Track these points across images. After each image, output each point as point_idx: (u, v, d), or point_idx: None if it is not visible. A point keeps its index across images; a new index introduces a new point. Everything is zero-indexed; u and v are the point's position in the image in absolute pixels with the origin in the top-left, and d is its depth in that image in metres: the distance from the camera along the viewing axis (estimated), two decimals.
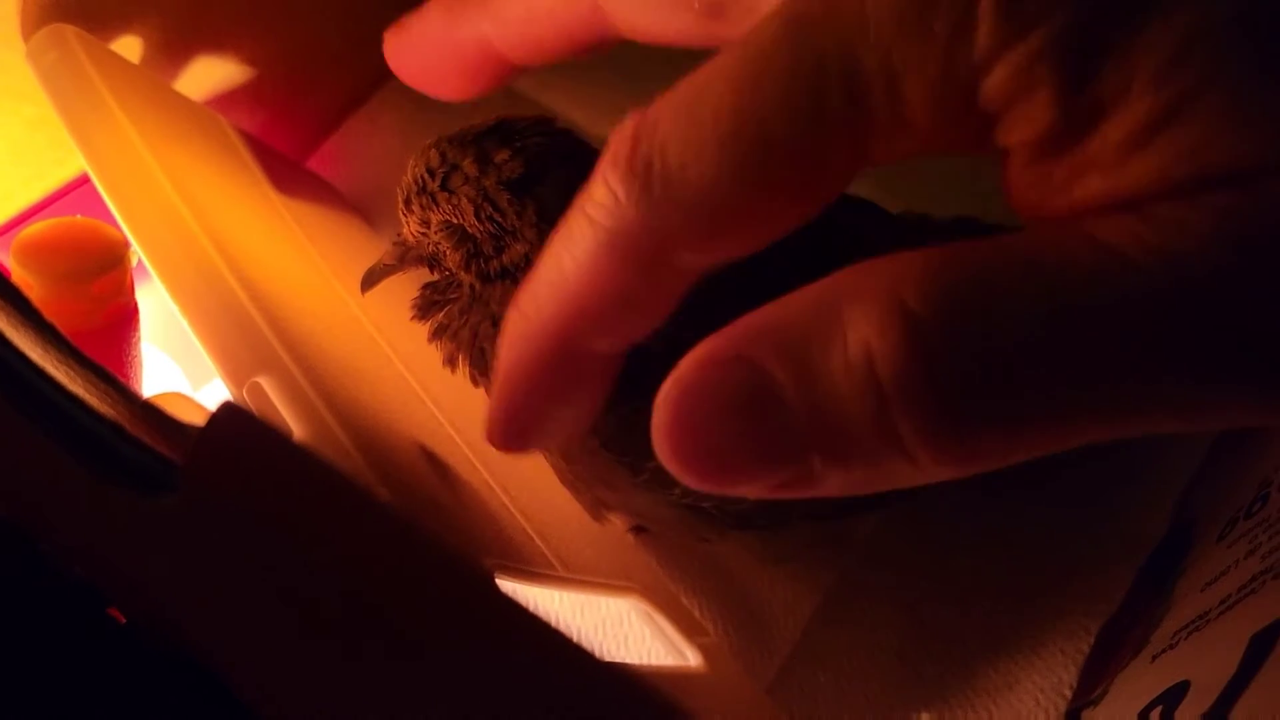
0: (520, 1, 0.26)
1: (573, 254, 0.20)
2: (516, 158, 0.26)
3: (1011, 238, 0.17)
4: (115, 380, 0.19)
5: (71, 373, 0.18)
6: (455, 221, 0.27)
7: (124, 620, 0.17)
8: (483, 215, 0.26)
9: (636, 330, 0.21)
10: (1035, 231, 0.17)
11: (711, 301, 0.24)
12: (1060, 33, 0.16)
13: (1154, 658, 0.23)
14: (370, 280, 0.29)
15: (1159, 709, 0.21)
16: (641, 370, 0.24)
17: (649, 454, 0.19)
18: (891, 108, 0.17)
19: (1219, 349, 0.16)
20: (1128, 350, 0.16)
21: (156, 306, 0.34)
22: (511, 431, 0.22)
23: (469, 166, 0.26)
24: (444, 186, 0.26)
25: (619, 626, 0.31)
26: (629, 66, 0.26)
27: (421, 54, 0.29)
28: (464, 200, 0.26)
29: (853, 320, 0.17)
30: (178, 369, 0.38)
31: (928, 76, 0.17)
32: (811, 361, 0.17)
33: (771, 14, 0.18)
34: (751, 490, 0.18)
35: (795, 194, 0.18)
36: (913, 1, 0.17)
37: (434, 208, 0.27)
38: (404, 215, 0.28)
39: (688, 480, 0.18)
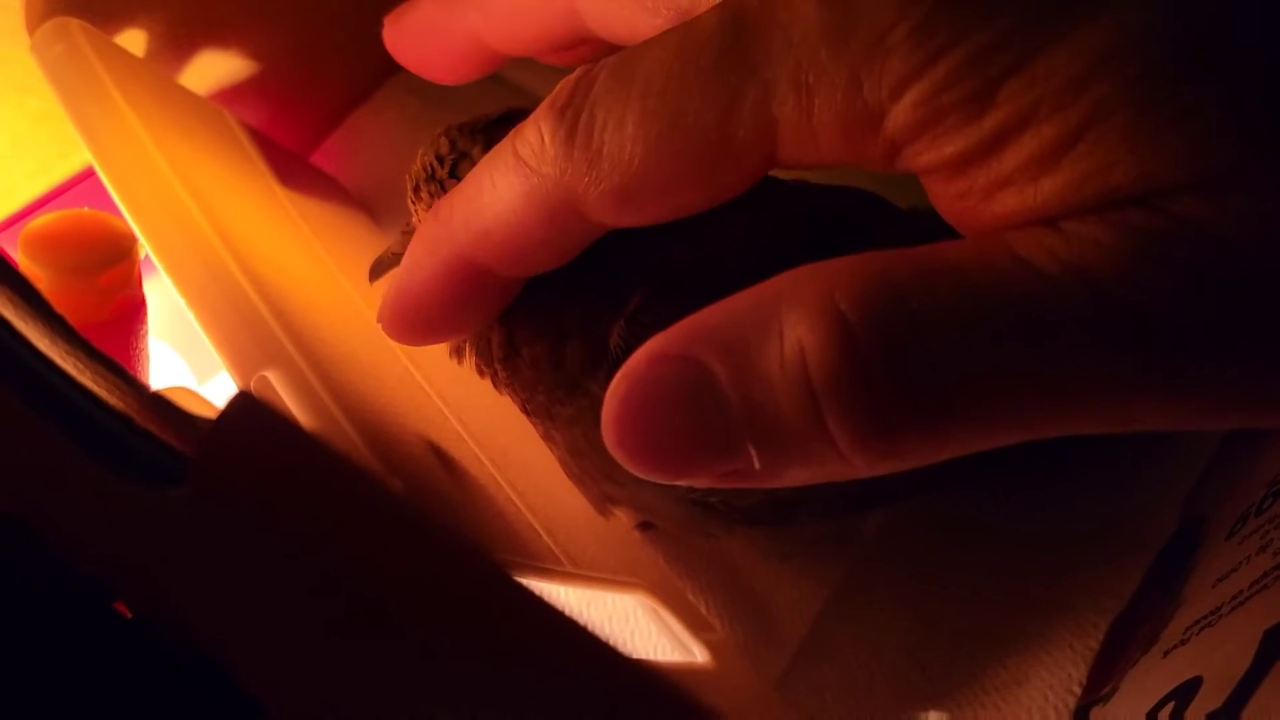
0: None
1: (493, 181, 0.21)
2: None
3: (941, 247, 0.18)
4: (124, 372, 0.18)
5: (80, 364, 0.18)
6: None
7: (130, 614, 0.17)
8: None
9: (535, 266, 0.22)
10: (963, 243, 0.18)
11: (718, 297, 0.24)
12: (965, 61, 0.17)
13: (1165, 654, 0.23)
14: (378, 269, 0.29)
15: (1170, 705, 0.21)
16: None
17: None
18: (800, 119, 0.18)
19: (1133, 359, 0.17)
20: (1043, 359, 0.17)
21: (162, 300, 0.34)
22: (401, 323, 0.23)
23: (478, 154, 0.26)
24: (453, 174, 0.26)
25: (625, 622, 0.31)
26: None
27: (416, 40, 0.30)
28: None
29: (789, 322, 0.18)
30: (183, 363, 0.38)
31: (837, 95, 0.18)
32: (750, 360, 0.18)
33: (716, 5, 0.19)
34: (697, 480, 0.19)
35: (700, 179, 0.19)
36: (833, 22, 0.18)
37: (442, 196, 0.27)
38: (413, 203, 0.28)
39: (633, 469, 0.19)
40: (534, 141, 0.20)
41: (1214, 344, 0.16)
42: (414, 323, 0.23)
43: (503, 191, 0.21)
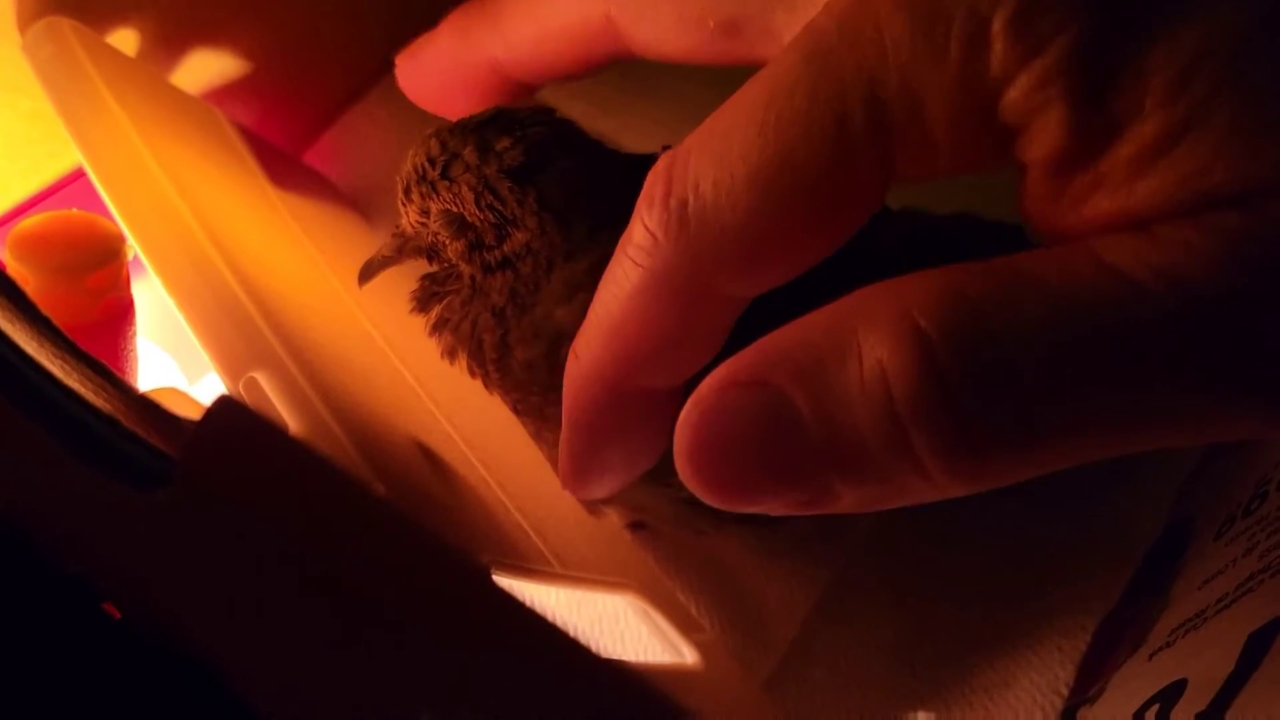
0: (532, 22, 0.27)
1: (617, 296, 0.20)
2: (517, 146, 0.26)
3: (1020, 259, 0.17)
4: (111, 374, 0.19)
5: (67, 366, 0.18)
6: (455, 210, 0.26)
7: (119, 615, 0.17)
8: (483, 204, 0.26)
9: (688, 366, 0.21)
10: (1043, 253, 0.17)
11: None
12: (1072, 50, 0.17)
13: (1151, 656, 0.23)
14: (368, 272, 0.29)
15: (1155, 707, 0.21)
16: None
17: None
18: (914, 128, 0.18)
19: (1228, 367, 0.16)
20: (1135, 370, 0.16)
21: (152, 301, 0.34)
22: (579, 475, 0.22)
23: (469, 155, 0.26)
24: (444, 175, 0.26)
25: (615, 623, 0.31)
26: (624, 62, 0.26)
27: (432, 77, 0.29)
28: (464, 188, 0.26)
29: (867, 342, 0.17)
30: (173, 363, 0.38)
31: (947, 96, 0.17)
32: (828, 384, 0.17)
33: (790, 45, 0.19)
34: (772, 508, 0.18)
35: (828, 218, 0.18)
36: (928, 24, 0.17)
37: (434, 196, 0.27)
38: (403, 205, 0.28)
39: (710, 500, 0.18)
40: (646, 243, 0.19)
41: None
42: (596, 475, 0.22)
43: (633, 303, 0.20)
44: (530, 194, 0.26)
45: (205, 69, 0.37)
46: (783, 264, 0.19)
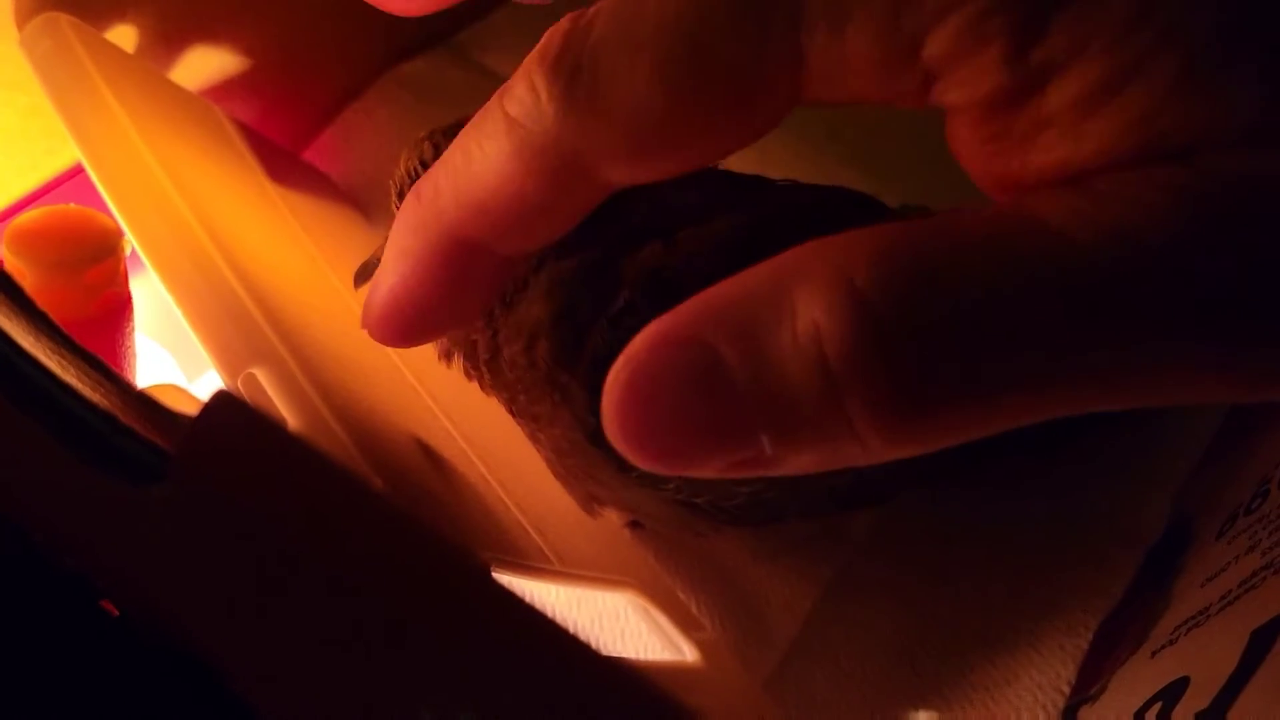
0: None
1: (483, 149, 0.19)
2: None
3: (957, 215, 0.16)
4: (108, 369, 0.18)
5: (64, 361, 0.18)
6: None
7: (116, 612, 0.17)
8: None
9: (537, 238, 0.20)
10: (980, 211, 0.17)
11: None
12: None
13: (1153, 654, 0.23)
14: (364, 275, 0.29)
15: (1157, 706, 0.21)
16: None
17: None
18: (832, 50, 0.17)
19: (1174, 321, 0.15)
20: (1076, 326, 0.15)
21: (150, 297, 0.34)
22: (390, 321, 0.21)
23: None
24: None
25: (615, 621, 0.31)
26: None
27: None
28: None
29: (801, 300, 0.16)
30: (172, 360, 0.38)
31: (872, 22, 0.17)
32: (760, 342, 0.17)
33: None
34: (705, 471, 0.18)
35: (726, 120, 0.18)
36: None
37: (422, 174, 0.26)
38: (397, 207, 0.28)
39: (639, 461, 0.18)
40: (527, 99, 0.18)
41: (1265, 314, 0.15)
42: (405, 319, 0.21)
43: (496, 158, 0.19)
44: None
45: (204, 66, 0.37)
46: (670, 159, 0.18)
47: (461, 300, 0.21)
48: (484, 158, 0.19)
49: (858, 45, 0.17)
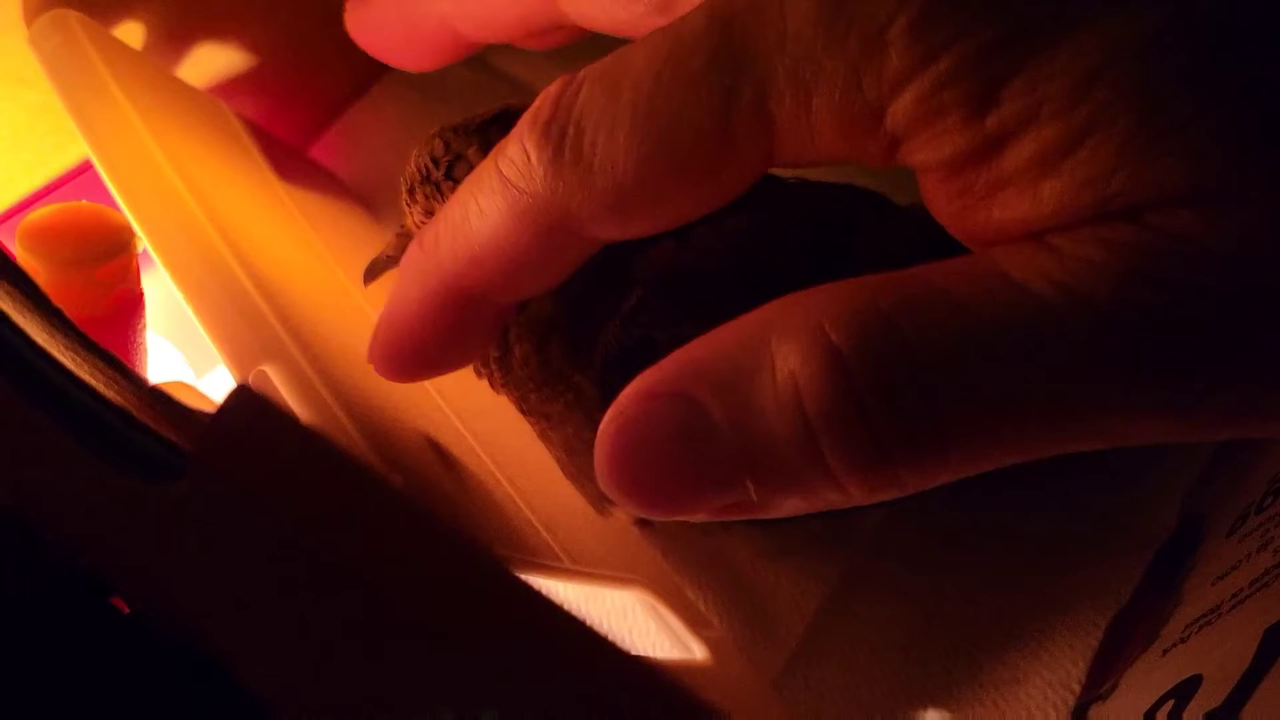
0: None
1: (479, 204, 0.20)
2: None
3: (928, 271, 0.17)
4: (122, 366, 0.18)
5: (78, 358, 0.18)
6: None
7: (128, 610, 0.17)
8: None
9: (530, 289, 0.21)
10: (949, 265, 0.18)
11: (714, 296, 0.24)
12: (967, 58, 0.17)
13: (1164, 652, 0.23)
14: (373, 272, 0.29)
15: (1170, 704, 0.21)
16: (645, 364, 0.24)
17: None
18: (798, 117, 0.18)
19: (1128, 375, 0.16)
20: (1042, 381, 0.16)
21: (158, 294, 0.34)
22: (392, 360, 0.22)
23: (474, 155, 0.26)
24: (449, 176, 0.26)
25: (624, 619, 0.31)
26: (602, 42, 0.26)
27: (382, 26, 0.30)
28: None
29: (780, 354, 0.17)
30: (180, 357, 0.38)
31: (836, 93, 0.18)
32: (742, 395, 0.18)
33: (701, 3, 0.19)
34: (695, 515, 0.19)
35: (699, 184, 0.19)
36: (828, 16, 0.17)
37: (438, 197, 0.26)
38: (407, 206, 0.28)
39: (630, 508, 0.19)
40: (519, 160, 0.20)
41: (1212, 361, 0.16)
42: (406, 359, 0.22)
43: (490, 215, 0.20)
44: None
45: (211, 62, 0.37)
46: (650, 218, 0.19)
47: (460, 344, 0.22)
48: (479, 213, 0.20)
49: (823, 114, 0.18)
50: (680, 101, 0.18)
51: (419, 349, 0.22)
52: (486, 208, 0.20)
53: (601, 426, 0.19)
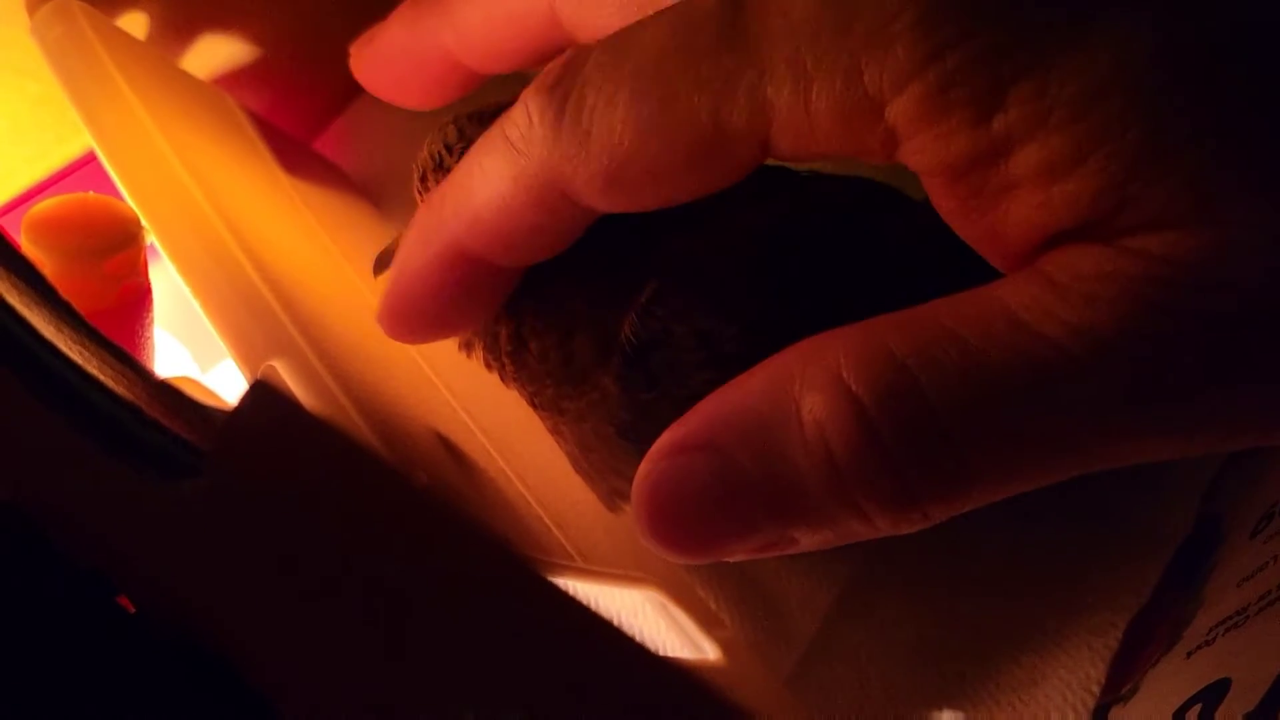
0: (479, 11, 0.27)
1: (482, 166, 0.21)
2: None
3: (938, 312, 0.18)
4: (132, 360, 0.18)
5: (86, 352, 0.17)
6: None
7: (133, 609, 0.17)
8: None
9: (527, 255, 0.22)
10: (960, 305, 0.18)
11: (734, 287, 0.24)
12: (974, 58, 0.17)
13: (1189, 654, 0.23)
14: (383, 262, 0.28)
15: (1198, 707, 0.21)
16: (659, 358, 0.24)
17: None
18: (798, 108, 0.18)
19: (1139, 409, 0.17)
20: (1052, 420, 0.17)
21: (163, 287, 0.34)
22: (401, 321, 0.23)
23: None
24: None
25: (635, 618, 0.30)
26: None
27: (387, 66, 0.30)
28: None
29: (805, 405, 0.18)
30: (185, 351, 0.37)
31: (836, 82, 0.17)
32: (772, 445, 0.18)
33: None
34: (732, 557, 0.19)
35: (690, 165, 0.19)
36: (835, 6, 0.17)
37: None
38: (419, 193, 0.27)
39: (671, 556, 0.19)
40: (522, 123, 0.20)
41: (1220, 385, 0.17)
42: (412, 319, 0.23)
43: (491, 176, 0.20)
44: None
45: (216, 54, 0.36)
46: (639, 193, 0.20)
47: (464, 305, 0.23)
48: (482, 174, 0.21)
49: (823, 103, 0.18)
50: (680, 79, 0.18)
51: (425, 310, 0.22)
52: (489, 169, 0.20)
53: (636, 483, 0.19)
